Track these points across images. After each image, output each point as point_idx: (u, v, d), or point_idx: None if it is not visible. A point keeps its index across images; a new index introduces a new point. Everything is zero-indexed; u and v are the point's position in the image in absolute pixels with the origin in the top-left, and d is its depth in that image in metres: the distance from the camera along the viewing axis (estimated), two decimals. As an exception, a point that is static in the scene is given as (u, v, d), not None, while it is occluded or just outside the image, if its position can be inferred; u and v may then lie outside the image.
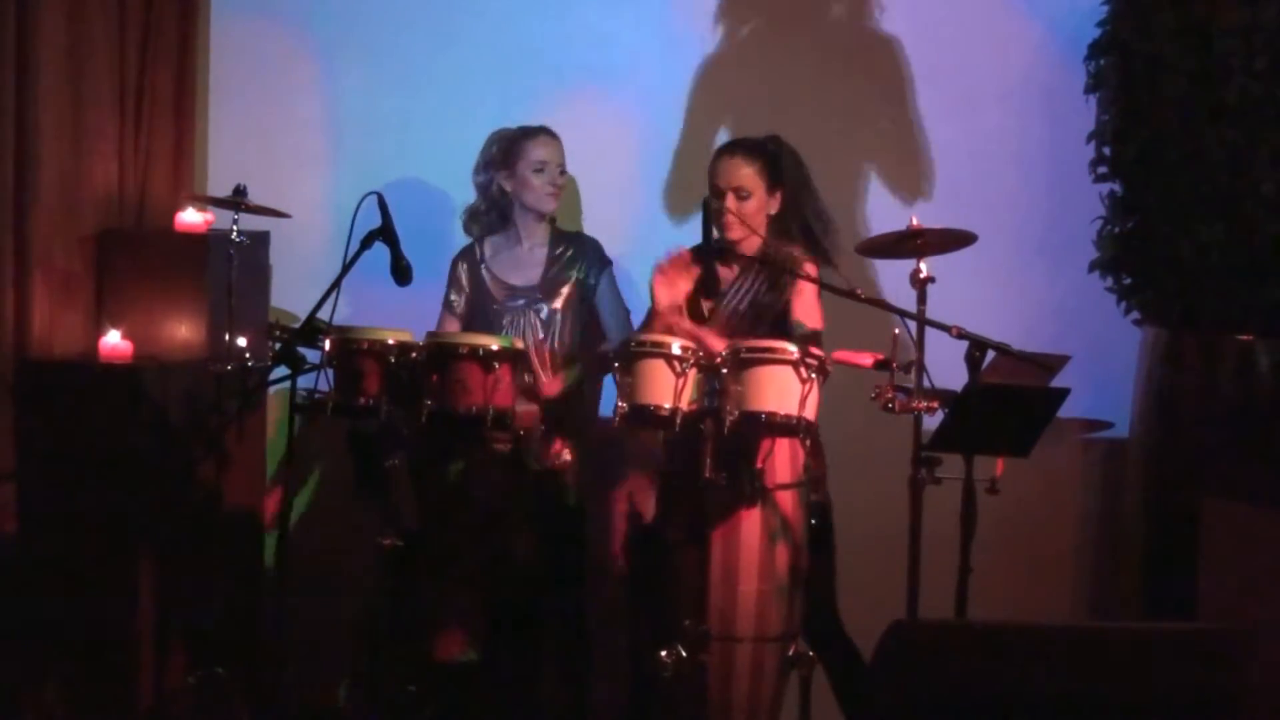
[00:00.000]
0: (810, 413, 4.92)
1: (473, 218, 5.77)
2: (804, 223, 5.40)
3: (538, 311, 5.65)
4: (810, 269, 5.27)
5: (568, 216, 5.95)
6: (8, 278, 5.45)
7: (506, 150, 5.66)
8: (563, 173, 5.67)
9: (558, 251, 5.70)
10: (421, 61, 6.20)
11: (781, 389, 4.88)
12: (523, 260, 5.70)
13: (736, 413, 4.88)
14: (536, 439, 5.39)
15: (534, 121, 5.76)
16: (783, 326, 5.27)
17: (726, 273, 5.36)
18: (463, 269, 5.70)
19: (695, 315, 5.30)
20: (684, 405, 4.92)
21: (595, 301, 5.70)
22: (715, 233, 5.21)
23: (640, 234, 6.03)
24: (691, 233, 5.17)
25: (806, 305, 5.31)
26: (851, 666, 5.36)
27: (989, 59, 6.33)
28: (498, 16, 6.23)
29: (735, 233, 5.30)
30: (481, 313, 5.64)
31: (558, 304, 5.66)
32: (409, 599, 5.22)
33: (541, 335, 5.64)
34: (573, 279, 5.68)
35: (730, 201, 5.30)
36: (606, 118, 6.19)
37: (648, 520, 5.33)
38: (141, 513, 5.31)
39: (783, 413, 4.88)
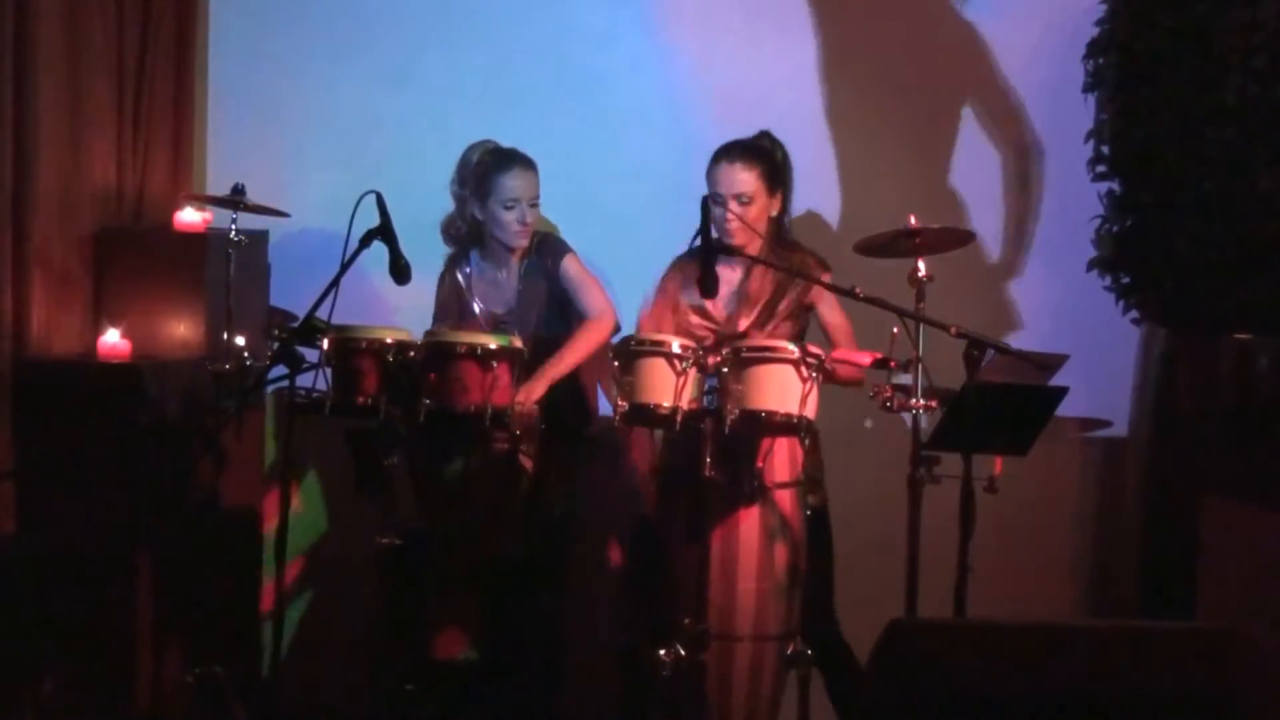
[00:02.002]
0: (810, 412, 4.93)
1: (449, 230, 5.60)
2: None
3: (523, 327, 5.53)
4: (827, 276, 5.28)
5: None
6: (6, 276, 5.44)
7: (480, 179, 5.47)
8: (533, 205, 5.46)
9: (526, 265, 5.54)
10: (420, 60, 6.20)
11: (782, 388, 4.88)
12: (501, 285, 5.59)
13: (737, 411, 4.88)
14: (535, 439, 5.37)
15: (531, 123, 5.75)
16: (802, 327, 5.32)
17: (733, 276, 5.35)
18: (447, 295, 5.58)
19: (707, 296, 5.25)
20: (684, 404, 4.92)
21: (565, 288, 5.48)
22: (715, 234, 5.20)
23: (638, 235, 6.03)
24: (688, 234, 5.16)
25: (833, 308, 5.35)
26: (846, 671, 5.35)
27: (988, 58, 6.33)
28: (497, 16, 6.22)
29: (739, 238, 5.29)
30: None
31: (534, 313, 5.53)
32: (409, 599, 5.22)
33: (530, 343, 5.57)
34: (543, 284, 5.51)
35: (733, 207, 5.29)
36: (604, 118, 6.18)
37: (647, 519, 5.33)
38: (140, 512, 5.31)
39: (783, 411, 4.88)
